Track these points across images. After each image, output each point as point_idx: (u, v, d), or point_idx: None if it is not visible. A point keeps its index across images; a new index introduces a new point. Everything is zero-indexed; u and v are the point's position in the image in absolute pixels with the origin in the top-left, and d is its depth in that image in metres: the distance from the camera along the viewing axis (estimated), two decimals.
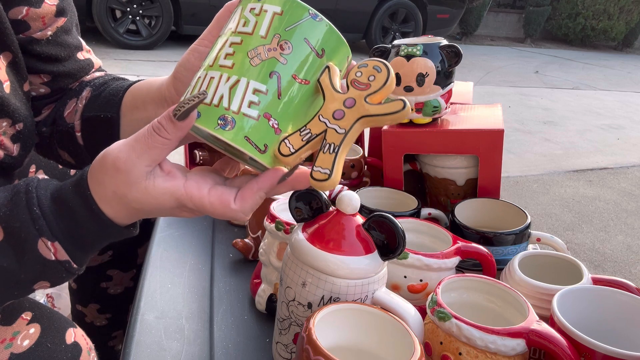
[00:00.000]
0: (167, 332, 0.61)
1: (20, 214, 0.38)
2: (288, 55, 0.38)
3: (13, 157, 0.49)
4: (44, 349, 0.48)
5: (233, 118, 0.37)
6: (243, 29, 0.38)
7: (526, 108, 4.36)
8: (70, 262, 0.40)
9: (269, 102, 0.37)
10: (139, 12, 4.80)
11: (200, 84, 0.38)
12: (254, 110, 0.37)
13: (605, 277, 0.60)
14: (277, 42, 0.37)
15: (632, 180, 2.94)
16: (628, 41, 9.35)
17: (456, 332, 0.47)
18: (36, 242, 0.38)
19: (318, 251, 0.48)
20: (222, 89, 0.37)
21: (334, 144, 0.38)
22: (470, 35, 8.33)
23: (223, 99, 0.37)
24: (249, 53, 0.37)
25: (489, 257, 0.62)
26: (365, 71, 0.39)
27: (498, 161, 0.77)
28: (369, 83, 0.38)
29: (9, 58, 0.48)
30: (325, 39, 0.39)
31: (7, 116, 0.47)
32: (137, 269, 0.87)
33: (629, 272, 1.96)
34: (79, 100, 0.55)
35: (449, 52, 0.75)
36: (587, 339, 0.45)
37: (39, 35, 0.51)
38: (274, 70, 0.37)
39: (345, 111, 0.38)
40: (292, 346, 0.52)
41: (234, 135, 0.37)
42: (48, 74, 0.54)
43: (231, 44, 0.38)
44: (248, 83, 0.37)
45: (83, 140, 0.55)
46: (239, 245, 0.76)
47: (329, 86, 0.39)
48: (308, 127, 0.39)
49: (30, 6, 0.49)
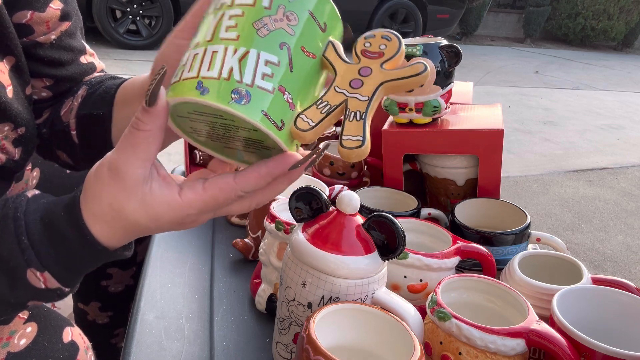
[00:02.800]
0: (167, 332, 0.61)
1: (9, 243, 0.37)
2: (295, 27, 0.35)
3: (14, 161, 0.49)
4: (41, 348, 0.48)
5: (248, 91, 0.33)
6: (242, 1, 0.35)
7: (526, 108, 4.36)
8: (61, 289, 0.39)
9: (282, 74, 0.35)
10: (139, 12, 4.80)
11: (200, 60, 0.34)
12: (269, 83, 0.34)
13: (605, 277, 0.60)
14: (283, 12, 0.35)
15: (632, 180, 2.95)
16: (628, 41, 9.35)
17: (456, 332, 0.47)
18: (25, 272, 0.37)
19: (318, 251, 0.48)
20: (231, 62, 0.34)
21: (360, 111, 0.35)
22: (470, 35, 8.33)
23: (233, 71, 0.34)
24: (255, 24, 0.35)
25: (489, 257, 0.62)
26: (374, 41, 0.37)
27: (498, 161, 0.77)
28: (382, 52, 0.37)
29: (12, 62, 0.48)
30: (327, 13, 0.38)
31: (10, 120, 0.47)
32: (137, 267, 0.88)
33: (629, 272, 1.97)
34: (74, 99, 0.55)
35: (449, 52, 0.75)
36: (587, 339, 0.45)
37: (43, 39, 0.51)
38: (284, 41, 0.35)
39: (363, 80, 0.36)
40: (292, 346, 0.52)
41: (251, 109, 0.33)
42: (51, 78, 0.54)
43: (230, 17, 0.35)
44: (258, 54, 0.34)
45: (78, 138, 0.54)
46: (239, 245, 0.76)
47: (337, 59, 0.37)
48: (324, 99, 0.36)
49: (34, 10, 0.49)
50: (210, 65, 0.34)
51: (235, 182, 0.36)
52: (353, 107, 0.36)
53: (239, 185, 0.36)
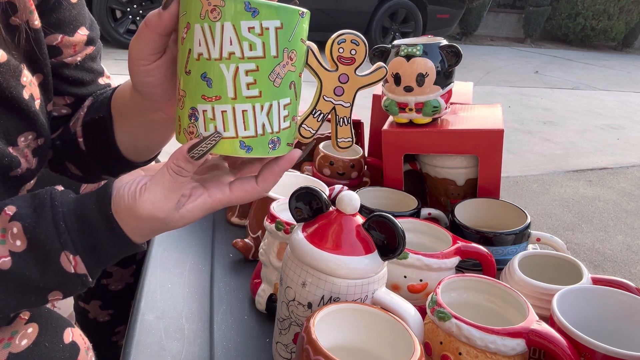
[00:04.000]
0: (167, 332, 0.61)
1: (46, 227, 0.41)
2: (296, 62, 0.40)
3: (31, 170, 0.52)
4: (42, 349, 0.48)
5: (278, 137, 0.41)
6: (252, 53, 0.38)
7: (526, 108, 4.36)
8: (87, 276, 0.43)
9: (293, 107, 0.42)
10: (139, 12, 4.80)
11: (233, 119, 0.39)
12: (287, 121, 0.42)
13: (605, 277, 0.60)
14: (287, 55, 0.39)
15: (632, 180, 2.94)
16: (628, 41, 9.35)
17: (456, 332, 0.47)
18: (59, 255, 0.41)
19: (318, 251, 0.48)
20: (261, 119, 0.40)
21: (346, 117, 0.45)
22: (470, 35, 8.32)
23: (266, 126, 0.40)
24: (270, 77, 0.39)
25: (489, 257, 0.62)
26: (345, 46, 0.43)
27: (498, 161, 0.77)
28: (353, 57, 0.43)
29: (40, 79, 0.52)
30: (306, 26, 0.41)
31: (34, 130, 0.50)
32: (137, 265, 0.88)
33: (629, 272, 1.97)
34: (81, 109, 0.58)
35: (449, 52, 0.75)
36: (587, 339, 0.45)
37: (70, 60, 0.55)
38: (292, 80, 0.41)
39: (344, 87, 0.44)
40: (292, 346, 0.52)
41: (282, 149, 0.42)
42: (72, 96, 0.58)
43: (247, 72, 0.38)
44: (279, 103, 0.40)
45: (84, 145, 0.57)
46: (239, 245, 0.76)
47: (319, 67, 0.43)
48: (318, 108, 0.44)
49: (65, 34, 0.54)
50: (246, 125, 0.39)
51: (259, 185, 0.43)
52: (341, 113, 0.45)
53: (261, 187, 0.43)
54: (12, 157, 0.48)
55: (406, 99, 0.77)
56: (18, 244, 0.41)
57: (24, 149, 0.50)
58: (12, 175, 0.49)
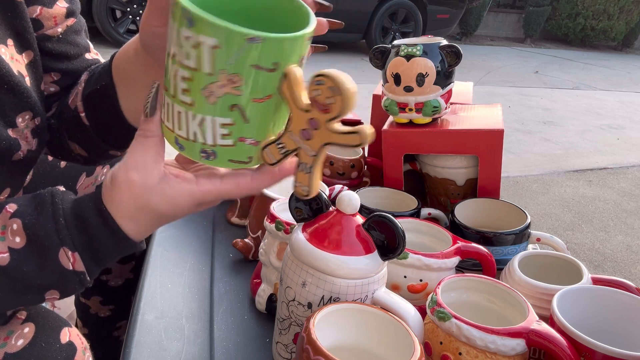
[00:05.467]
0: (167, 332, 0.61)
1: (46, 223, 0.41)
2: (242, 87, 0.36)
3: (32, 152, 0.51)
4: (39, 349, 0.48)
5: (213, 150, 0.38)
6: (187, 62, 0.36)
7: (526, 108, 4.36)
8: (85, 274, 0.42)
9: (238, 129, 0.38)
10: (139, 12, 4.80)
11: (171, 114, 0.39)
12: (228, 140, 0.38)
13: (605, 277, 0.60)
14: (226, 77, 0.35)
15: (632, 180, 2.94)
16: (628, 41, 9.34)
17: (456, 332, 0.47)
18: (58, 251, 0.41)
19: (318, 251, 0.48)
20: (193, 127, 0.38)
21: (308, 165, 0.39)
22: (470, 35, 8.32)
23: (197, 135, 0.38)
24: (202, 92, 0.36)
25: (489, 257, 0.62)
26: (322, 90, 0.36)
27: (498, 161, 0.77)
28: (328, 107, 0.36)
29: (30, 57, 0.51)
30: (272, 53, 0.35)
31: (30, 109, 0.49)
32: (136, 261, 0.88)
33: (629, 272, 1.97)
34: (78, 85, 0.57)
35: (449, 52, 0.75)
36: (587, 339, 0.45)
37: (51, 32, 0.54)
38: (234, 104, 0.36)
39: (312, 133, 0.38)
40: (292, 346, 0.52)
41: (219, 162, 0.39)
42: (58, 72, 0.56)
43: (183, 79, 0.36)
44: (213, 120, 0.37)
45: (88, 119, 0.55)
46: (239, 245, 0.76)
47: (290, 101, 0.37)
48: (282, 141, 0.39)
49: (43, 6, 0.53)
50: (179, 125, 0.38)
51: (253, 182, 0.41)
52: (303, 158, 0.39)
53: (255, 185, 0.41)
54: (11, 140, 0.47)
55: (406, 99, 0.77)
56: (17, 241, 0.41)
57: (24, 129, 0.49)
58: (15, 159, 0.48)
